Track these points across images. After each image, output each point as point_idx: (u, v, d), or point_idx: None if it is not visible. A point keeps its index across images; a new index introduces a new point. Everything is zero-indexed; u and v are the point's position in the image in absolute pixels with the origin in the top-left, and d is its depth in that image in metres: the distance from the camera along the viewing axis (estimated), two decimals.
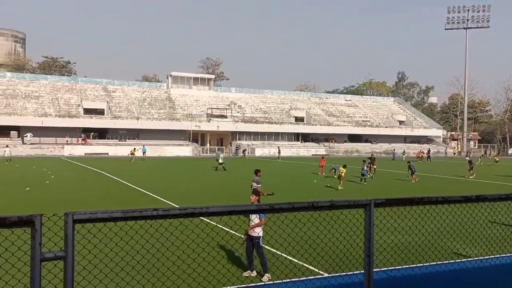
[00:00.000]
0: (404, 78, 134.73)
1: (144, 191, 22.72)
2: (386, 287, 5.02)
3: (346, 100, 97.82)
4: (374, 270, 3.51)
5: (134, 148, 53.91)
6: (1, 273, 5.58)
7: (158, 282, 6.71)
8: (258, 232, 8.98)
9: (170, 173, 35.53)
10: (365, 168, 28.88)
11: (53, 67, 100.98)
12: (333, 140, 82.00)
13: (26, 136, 62.94)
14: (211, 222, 12.92)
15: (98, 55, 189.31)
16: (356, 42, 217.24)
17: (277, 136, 79.27)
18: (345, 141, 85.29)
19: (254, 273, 9.06)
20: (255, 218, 8.98)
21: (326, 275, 8.47)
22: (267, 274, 8.85)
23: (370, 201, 3.47)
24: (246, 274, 9.04)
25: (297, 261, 9.60)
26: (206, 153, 72.81)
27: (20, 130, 64.06)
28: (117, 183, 26.72)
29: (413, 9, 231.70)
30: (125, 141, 68.55)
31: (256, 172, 15.36)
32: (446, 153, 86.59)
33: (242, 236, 9.63)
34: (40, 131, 63.60)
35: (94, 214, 3.10)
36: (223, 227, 12.15)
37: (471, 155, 58.14)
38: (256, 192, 9.74)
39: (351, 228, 6.74)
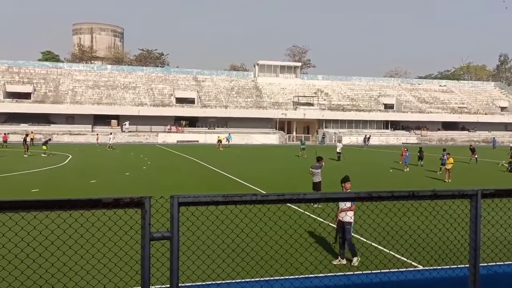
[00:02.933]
0: (506, 61, 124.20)
1: (231, 176, 23.31)
2: (491, 283, 4.71)
3: (440, 86, 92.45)
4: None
5: (220, 136, 55.54)
6: (116, 249, 6.07)
7: (247, 265, 6.86)
8: (350, 216, 8.92)
9: (257, 160, 36.09)
10: (445, 157, 27.26)
11: (148, 58, 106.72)
12: (425, 128, 78.06)
13: (125, 124, 67.39)
14: (298, 209, 12.98)
15: (189, 46, 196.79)
16: (452, 23, 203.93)
17: (365, 124, 77.21)
18: (439, 129, 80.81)
19: (344, 261, 8.97)
20: (347, 204, 8.89)
21: (420, 267, 8.14)
22: (356, 257, 8.77)
23: (477, 191, 3.24)
24: (336, 262, 8.96)
25: (388, 251, 9.33)
26: (293, 141, 72.96)
27: (120, 119, 68.72)
28: (206, 169, 27.68)
29: None
30: (214, 129, 70.78)
31: (318, 159, 15.51)
32: None
33: (330, 224, 9.54)
34: (136, 120, 67.79)
35: (197, 197, 3.23)
36: (311, 215, 12.13)
37: None
38: (347, 179, 9.58)
39: (447, 220, 6.39)
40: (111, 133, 53.93)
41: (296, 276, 6.88)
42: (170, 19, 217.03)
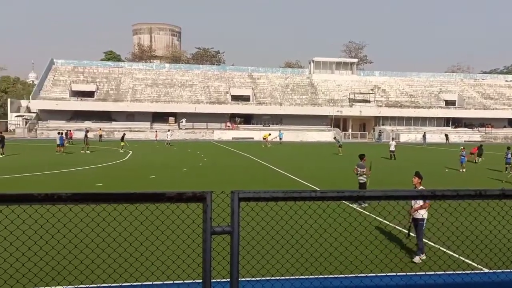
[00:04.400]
0: None
1: (285, 173, 23.29)
2: None
3: (506, 81, 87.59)
4: None
5: (269, 134, 55.43)
6: (178, 242, 6.27)
7: (306, 262, 6.84)
8: (422, 214, 8.72)
9: (310, 157, 35.85)
10: (509, 155, 25.66)
11: (205, 57, 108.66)
12: (490, 126, 74.31)
13: (182, 122, 69.09)
14: (349, 205, 12.79)
15: (244, 44, 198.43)
16: None
17: (424, 121, 74.66)
18: (505, 126, 76.68)
19: (423, 256, 8.75)
20: (418, 201, 8.70)
21: (486, 270, 7.79)
22: (420, 256, 8.55)
23: None
24: (416, 260, 8.70)
25: (451, 252, 8.99)
26: (348, 138, 71.84)
27: (177, 116, 70.54)
28: (261, 166, 27.81)
29: None
30: (269, 126, 71.00)
31: (361, 157, 15.09)
32: None
33: (390, 223, 9.31)
34: (193, 117, 69.30)
35: (257, 193, 3.26)
36: (370, 213, 11.90)
37: None
38: (415, 173, 9.35)
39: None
40: (169, 130, 55.46)
41: (356, 275, 6.79)
42: (226, 18, 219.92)
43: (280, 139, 57.16)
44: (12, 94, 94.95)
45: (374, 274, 6.75)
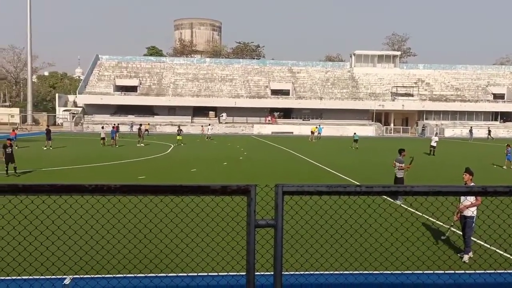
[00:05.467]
0: None
1: (325, 168, 23.09)
2: None
3: None
4: None
5: (316, 127, 55.01)
6: (223, 234, 6.34)
7: (350, 257, 6.76)
8: (472, 211, 8.46)
9: (351, 152, 35.38)
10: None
11: (245, 51, 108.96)
12: None
13: (222, 116, 69.69)
14: (394, 201, 12.52)
15: (284, 38, 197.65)
16: None
17: (470, 115, 72.14)
18: None
19: (471, 254, 8.52)
20: (468, 198, 8.43)
21: None
22: (468, 255, 8.31)
23: None
24: (465, 258, 8.47)
25: (502, 252, 8.66)
26: (390, 133, 70.40)
27: (217, 110, 71.21)
28: (301, 160, 27.70)
29: None
30: (309, 120, 70.56)
31: (400, 151, 14.67)
32: None
33: (436, 221, 9.07)
34: (233, 111, 69.77)
35: (301, 187, 3.24)
36: (415, 211, 11.63)
37: None
38: (469, 170, 9.07)
39: None
40: (209, 124, 56.08)
41: (401, 271, 6.65)
42: (266, 12, 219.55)
43: (319, 133, 56.65)
44: (59, 89, 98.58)
45: (420, 272, 6.60)
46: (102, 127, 41.71)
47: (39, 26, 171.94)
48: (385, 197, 12.12)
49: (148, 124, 58.54)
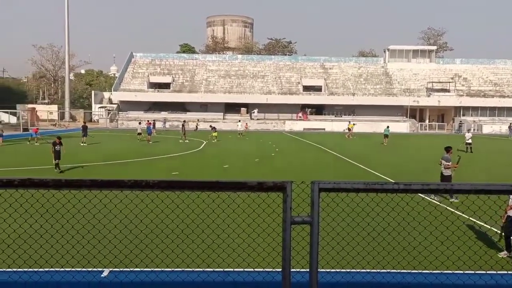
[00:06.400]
0: None
1: (359, 165, 22.79)
2: None
3: None
4: None
5: (354, 124, 53.97)
6: (259, 230, 6.37)
7: (388, 255, 6.66)
8: None
9: (386, 148, 34.81)
10: None
11: (277, 47, 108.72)
12: None
13: (254, 112, 69.83)
14: (440, 204, 12.23)
15: (316, 33, 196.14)
16: None
17: (510, 111, 69.77)
18: None
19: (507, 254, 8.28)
20: None
21: None
22: (505, 252, 8.06)
23: None
24: (502, 254, 8.25)
25: None
26: (425, 129, 68.91)
27: (249, 107, 71.40)
28: (334, 157, 27.44)
29: None
30: (341, 117, 69.87)
31: (447, 149, 14.20)
32: None
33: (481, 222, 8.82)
34: (264, 108, 69.81)
35: (338, 184, 3.21)
36: (454, 211, 11.34)
37: None
38: None
39: None
40: (239, 120, 56.29)
41: (441, 271, 6.51)
42: (298, 8, 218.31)
43: (349, 129, 55.92)
44: (95, 86, 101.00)
45: (461, 272, 6.45)
46: (139, 123, 42.47)
47: (76, 25, 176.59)
48: (421, 195, 11.88)
49: (198, 120, 59.32)
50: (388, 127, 42.12)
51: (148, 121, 43.82)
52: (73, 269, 6.63)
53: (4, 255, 6.73)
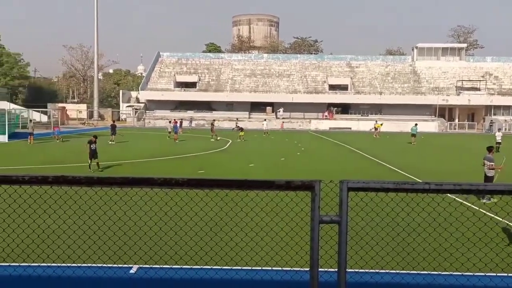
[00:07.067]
0: None
1: (387, 165, 22.50)
2: None
3: None
4: None
5: (381, 124, 53.19)
6: (287, 229, 6.38)
7: (418, 256, 6.57)
8: None
9: (413, 148, 34.26)
10: None
11: (302, 46, 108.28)
12: None
13: (279, 111, 69.73)
14: (464, 202, 11.98)
15: (343, 32, 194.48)
16: None
17: None
18: None
19: None
20: None
21: None
22: None
23: None
24: None
25: None
26: (454, 129, 67.48)
27: (274, 106, 71.34)
28: (360, 156, 27.17)
29: None
30: (367, 116, 69.09)
31: (489, 149, 13.80)
32: None
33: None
34: (290, 107, 69.63)
35: (367, 183, 3.18)
36: (480, 209, 11.10)
37: None
38: None
39: None
40: (265, 120, 56.30)
41: (473, 273, 6.38)
42: (324, 6, 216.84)
43: (375, 129, 55.19)
44: (123, 86, 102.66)
45: (494, 274, 6.31)
46: (170, 122, 42.94)
47: (105, 26, 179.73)
48: (450, 195, 11.66)
49: (237, 119, 59.73)
50: (416, 125, 41.36)
51: (174, 120, 44.28)
52: (104, 265, 6.77)
53: (39, 250, 6.93)
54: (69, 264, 6.64)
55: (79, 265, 6.65)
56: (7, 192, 5.21)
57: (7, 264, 6.68)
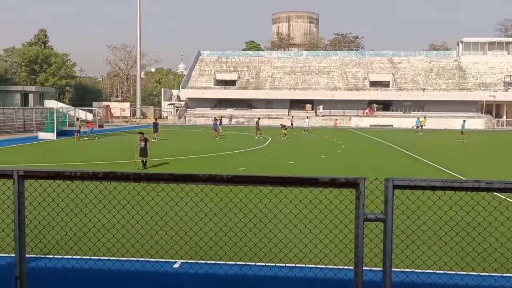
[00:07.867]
0: None
1: (431, 163, 21.91)
2: None
3: None
4: None
5: (424, 117, 51.95)
6: (331, 227, 6.37)
7: (467, 256, 6.41)
8: None
9: (460, 146, 33.22)
10: None
11: (343, 42, 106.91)
12: None
13: (319, 109, 69.20)
14: (506, 199, 11.54)
15: (385, 27, 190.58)
16: None
17: None
18: None
19: None
20: None
21: None
22: None
23: None
24: None
25: None
26: (502, 126, 64.93)
27: (314, 103, 70.86)
28: (402, 154, 26.58)
29: None
30: (410, 113, 67.48)
31: None
32: None
33: None
34: (330, 104, 68.95)
35: (413, 181, 3.14)
36: None
37: None
38: None
39: None
40: (307, 117, 56.02)
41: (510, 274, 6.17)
42: (365, 1, 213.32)
43: (417, 127, 53.79)
44: (164, 84, 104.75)
45: None
46: (215, 119, 43.46)
47: (147, 25, 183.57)
48: (500, 195, 11.25)
49: (293, 117, 59.79)
50: (464, 121, 40.34)
51: (214, 117, 44.74)
52: (150, 259, 6.97)
53: (90, 243, 7.21)
54: (118, 258, 6.87)
55: (127, 258, 6.88)
56: (60, 187, 5.46)
57: (60, 256, 6.99)
